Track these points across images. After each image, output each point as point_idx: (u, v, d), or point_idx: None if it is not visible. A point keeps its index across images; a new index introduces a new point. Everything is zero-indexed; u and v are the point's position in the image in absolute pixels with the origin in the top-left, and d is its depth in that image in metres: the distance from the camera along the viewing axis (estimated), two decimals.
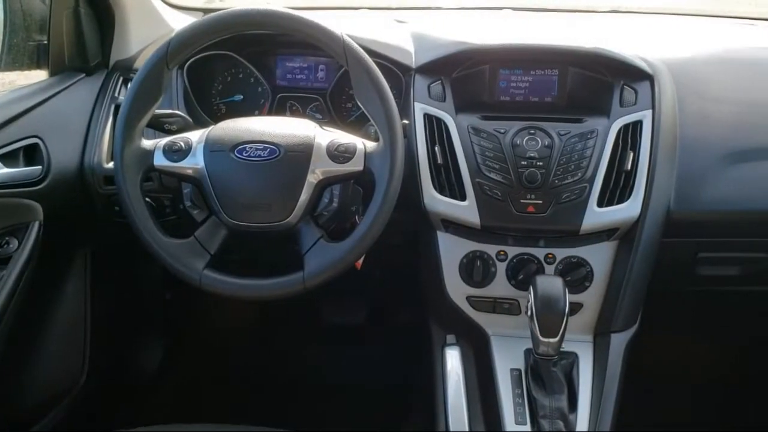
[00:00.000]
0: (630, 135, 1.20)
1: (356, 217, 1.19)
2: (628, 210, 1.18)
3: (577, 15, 1.82)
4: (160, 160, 1.10)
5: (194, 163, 1.09)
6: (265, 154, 1.07)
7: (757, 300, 1.61)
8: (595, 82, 1.27)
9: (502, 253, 1.24)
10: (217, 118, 1.29)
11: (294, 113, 1.43)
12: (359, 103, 1.10)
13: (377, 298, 1.95)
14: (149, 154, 1.10)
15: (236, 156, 1.08)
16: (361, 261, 1.16)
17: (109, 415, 1.67)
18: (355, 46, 1.09)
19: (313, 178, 1.07)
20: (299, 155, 1.07)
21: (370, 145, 1.10)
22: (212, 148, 1.09)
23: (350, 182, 1.16)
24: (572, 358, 1.20)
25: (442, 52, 1.29)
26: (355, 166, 1.08)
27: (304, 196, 1.06)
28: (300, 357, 1.94)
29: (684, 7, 1.85)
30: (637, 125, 1.21)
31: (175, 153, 1.10)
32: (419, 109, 1.24)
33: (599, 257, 1.22)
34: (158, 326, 1.92)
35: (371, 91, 1.08)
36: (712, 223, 1.26)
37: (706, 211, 1.24)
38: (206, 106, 1.43)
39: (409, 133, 1.23)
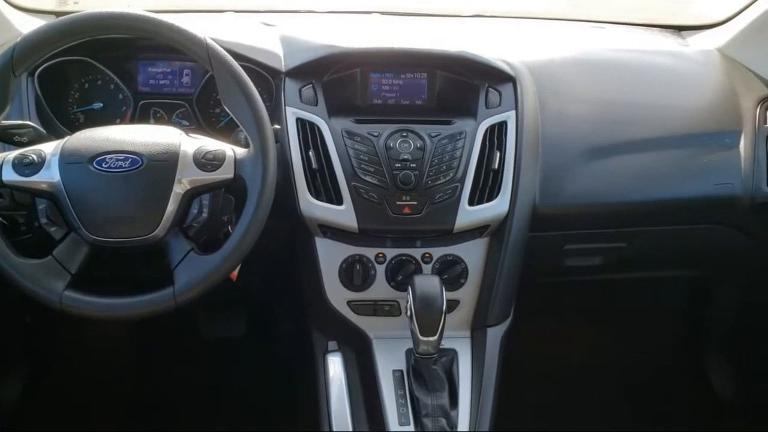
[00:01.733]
0: (496, 135, 1.24)
1: (229, 227, 1.15)
2: (497, 207, 1.22)
3: (444, 19, 1.86)
4: (9, 175, 1.02)
5: (49, 176, 1.01)
6: (127, 165, 1.01)
7: (619, 287, 1.73)
8: (462, 84, 1.30)
9: (380, 255, 1.24)
10: (75, 128, 1.21)
11: (159, 120, 1.36)
12: (226, 109, 1.07)
13: (258, 309, 1.90)
14: None
15: (95, 168, 1.01)
16: (236, 272, 1.13)
17: None
18: (220, 49, 1.06)
19: (179, 188, 1.02)
20: (164, 164, 1.02)
21: (240, 151, 1.07)
22: (68, 160, 1.02)
23: (221, 191, 1.12)
24: (452, 355, 1.22)
25: (313, 55, 1.27)
26: (225, 173, 1.04)
27: (171, 207, 1.01)
28: (179, 375, 1.86)
29: (543, 11, 1.94)
30: (503, 126, 1.25)
31: (27, 167, 1.02)
32: (291, 113, 1.22)
33: (473, 254, 1.26)
34: (16, 355, 1.78)
35: (238, 96, 1.05)
36: (575, 216, 1.33)
37: (568, 205, 1.31)
38: (63, 116, 1.34)
39: (281, 138, 1.20)
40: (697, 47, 1.62)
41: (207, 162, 1.04)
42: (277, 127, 1.17)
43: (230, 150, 1.06)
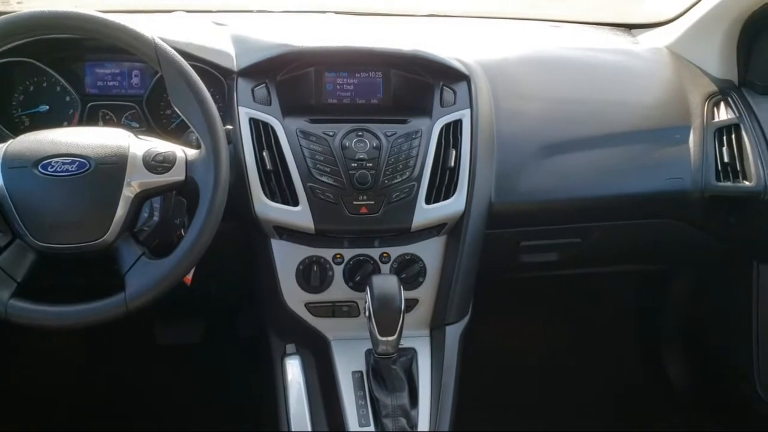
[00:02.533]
0: (451, 134, 1.25)
1: (182, 230, 1.13)
2: (453, 205, 1.22)
3: (399, 18, 1.86)
4: None
5: None
6: (74, 168, 0.99)
7: (576, 282, 1.75)
8: (417, 83, 1.30)
9: (338, 256, 1.23)
10: (19, 132, 1.17)
11: (108, 123, 1.33)
12: (176, 110, 1.05)
13: (217, 313, 1.87)
14: None
15: (40, 172, 0.98)
16: (190, 276, 1.11)
17: None
18: (169, 49, 1.04)
19: (129, 191, 1.00)
20: (112, 167, 1.00)
21: (192, 153, 1.05)
22: (11, 164, 0.99)
23: (172, 194, 1.10)
24: (411, 354, 1.22)
25: (265, 54, 1.26)
26: (176, 176, 1.02)
27: (121, 211, 0.99)
28: (135, 383, 1.82)
29: (498, 11, 1.96)
30: (458, 124, 1.25)
31: None
32: (244, 113, 1.21)
33: (431, 252, 1.26)
34: None
35: (188, 96, 1.03)
36: (530, 212, 1.34)
37: (524, 202, 1.32)
38: (6, 119, 1.29)
39: (234, 139, 1.19)
40: (647, 45, 1.66)
41: (157, 164, 1.02)
42: (229, 127, 1.15)
43: (181, 151, 1.04)
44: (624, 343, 2.02)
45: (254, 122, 1.20)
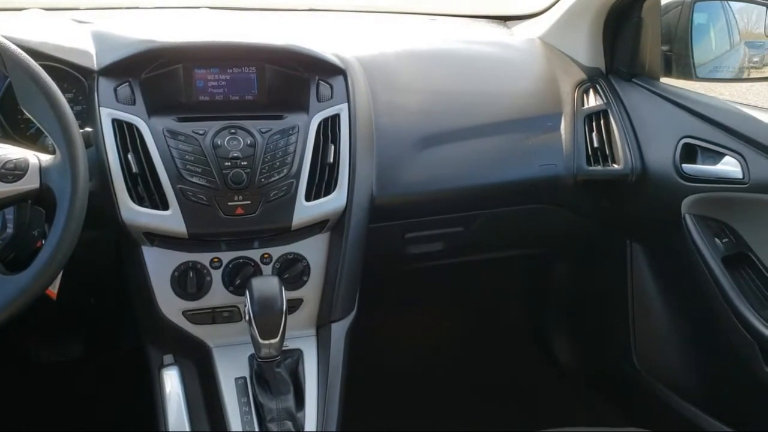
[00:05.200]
0: (330, 129, 1.23)
1: (42, 241, 1.05)
2: (334, 201, 1.20)
3: (278, 13, 1.83)
4: None
5: None
6: None
7: (464, 270, 1.78)
8: (292, 78, 1.27)
9: (216, 260, 1.19)
10: None
11: None
12: (28, 114, 0.98)
13: (97, 327, 1.77)
14: None
15: None
16: (55, 290, 1.04)
17: None
18: (14, 48, 0.96)
19: None
20: None
21: (46, 158, 0.98)
22: None
23: (27, 203, 1.02)
24: (297, 355, 1.20)
25: (127, 51, 1.19)
26: (29, 184, 0.95)
27: None
28: (7, 406, 1.70)
29: (376, 5, 1.96)
30: (336, 119, 1.24)
31: None
32: (106, 114, 1.13)
33: (314, 250, 1.24)
34: None
35: (38, 99, 0.95)
36: (413, 204, 1.35)
37: (406, 194, 1.33)
38: None
39: (96, 142, 1.12)
40: (521, 36, 1.70)
41: (7, 172, 0.95)
42: (88, 130, 1.08)
43: (34, 158, 0.97)
44: (515, 326, 2.08)
45: (117, 123, 1.13)
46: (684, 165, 1.39)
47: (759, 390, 1.34)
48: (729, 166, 1.33)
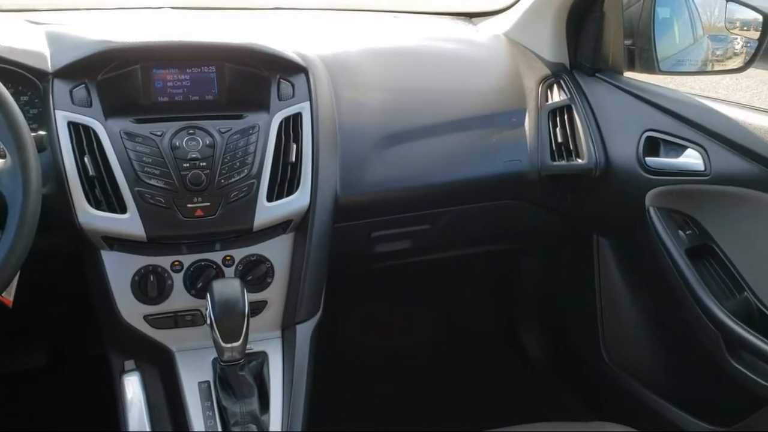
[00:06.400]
0: (292, 127, 1.21)
1: None
2: (297, 201, 1.19)
3: (242, 13, 1.81)
4: None
5: None
6: None
7: (433, 267, 1.78)
8: (253, 77, 1.26)
9: (177, 263, 1.17)
10: None
11: None
12: None
13: (62, 332, 1.74)
14: None
15: None
16: (11, 297, 1.02)
17: None
18: None
19: None
20: None
21: None
22: None
23: None
24: (262, 358, 1.18)
25: (83, 52, 1.16)
26: None
27: None
28: None
29: (341, 3, 1.95)
30: (297, 117, 1.22)
31: None
32: (61, 117, 1.11)
33: (278, 251, 1.22)
34: None
35: None
36: (378, 203, 1.34)
37: (370, 193, 1.32)
38: None
39: (51, 145, 1.09)
40: (486, 33, 1.70)
41: None
42: (41, 133, 1.06)
43: None
44: (485, 323, 2.09)
45: (73, 126, 1.11)
46: (647, 158, 1.40)
47: (723, 380, 1.35)
48: (691, 159, 1.34)
